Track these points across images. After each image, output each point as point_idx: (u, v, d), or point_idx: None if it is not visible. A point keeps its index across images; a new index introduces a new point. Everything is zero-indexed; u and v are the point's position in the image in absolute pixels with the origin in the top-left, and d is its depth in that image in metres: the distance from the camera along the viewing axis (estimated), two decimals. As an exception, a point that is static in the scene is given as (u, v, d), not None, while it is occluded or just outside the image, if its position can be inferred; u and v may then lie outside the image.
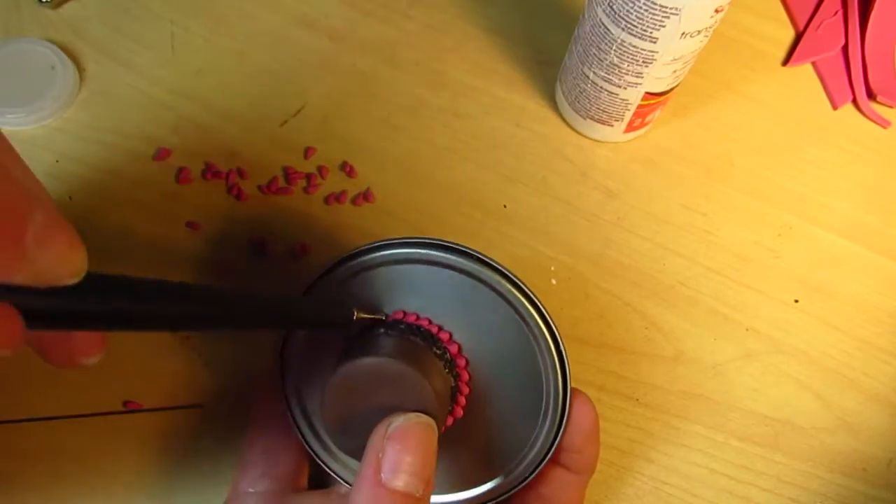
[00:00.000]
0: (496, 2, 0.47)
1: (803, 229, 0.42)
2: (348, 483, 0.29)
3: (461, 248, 0.27)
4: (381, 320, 0.28)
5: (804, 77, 0.47)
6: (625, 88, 0.38)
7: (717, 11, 0.33)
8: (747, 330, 0.39)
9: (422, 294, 0.27)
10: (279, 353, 0.29)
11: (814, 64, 0.47)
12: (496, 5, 0.47)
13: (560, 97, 0.43)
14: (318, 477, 0.32)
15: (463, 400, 0.28)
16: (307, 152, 0.41)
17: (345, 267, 0.28)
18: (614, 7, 0.34)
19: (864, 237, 0.42)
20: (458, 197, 0.41)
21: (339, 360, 0.27)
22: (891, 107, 0.46)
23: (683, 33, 0.34)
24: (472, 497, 0.29)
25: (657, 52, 0.35)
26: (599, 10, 0.35)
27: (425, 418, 0.24)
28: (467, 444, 0.28)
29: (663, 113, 0.43)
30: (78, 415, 0.35)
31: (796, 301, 0.40)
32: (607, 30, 0.35)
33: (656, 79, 0.37)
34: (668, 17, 0.33)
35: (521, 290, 0.26)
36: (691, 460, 0.36)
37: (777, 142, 0.44)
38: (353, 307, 0.27)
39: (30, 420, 0.34)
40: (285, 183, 0.40)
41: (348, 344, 0.28)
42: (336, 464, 0.29)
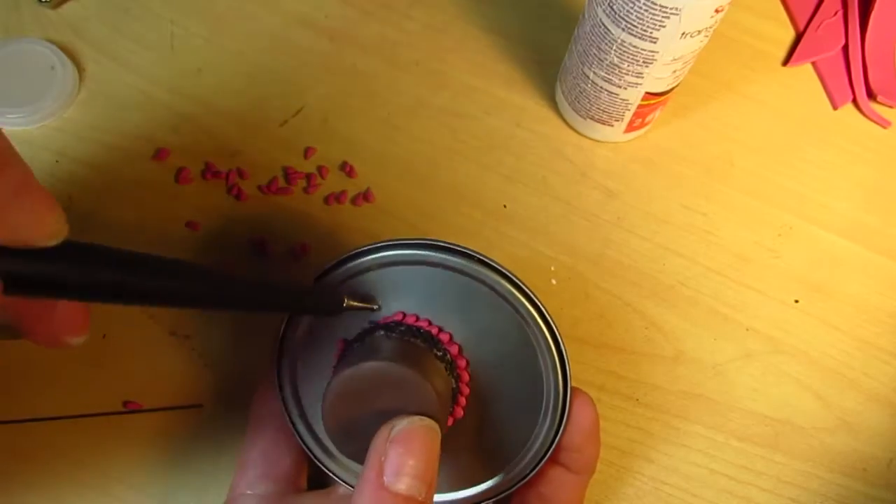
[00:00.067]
0: (496, 2, 0.47)
1: (803, 229, 0.42)
2: (347, 484, 0.29)
3: (461, 248, 0.27)
4: (372, 309, 0.28)
5: (804, 77, 0.47)
6: (625, 88, 0.38)
7: (717, 11, 0.33)
8: (747, 330, 0.39)
9: (422, 295, 0.27)
10: (276, 354, 0.29)
11: (814, 64, 0.47)
12: (496, 5, 0.47)
13: (560, 97, 0.43)
14: (318, 477, 0.32)
15: (463, 400, 0.28)
16: (307, 152, 0.41)
17: (343, 268, 0.28)
18: (614, 7, 0.34)
19: (864, 237, 0.42)
20: (458, 197, 0.41)
21: (338, 362, 0.27)
22: (891, 107, 0.46)
23: (683, 33, 0.34)
24: (471, 495, 0.29)
25: (657, 52, 0.35)
26: (599, 10, 0.35)
27: (428, 421, 0.24)
28: (467, 444, 0.28)
29: (663, 113, 0.43)
30: (78, 415, 0.35)
31: (796, 301, 0.40)
32: (607, 30, 0.35)
33: (656, 79, 0.37)
34: (669, 17, 0.33)
35: (522, 290, 0.26)
36: (691, 460, 0.36)
37: (777, 142, 0.44)
38: (343, 294, 0.27)
39: (30, 420, 0.34)
40: (285, 183, 0.40)
41: (347, 346, 0.28)
42: (334, 464, 0.29)
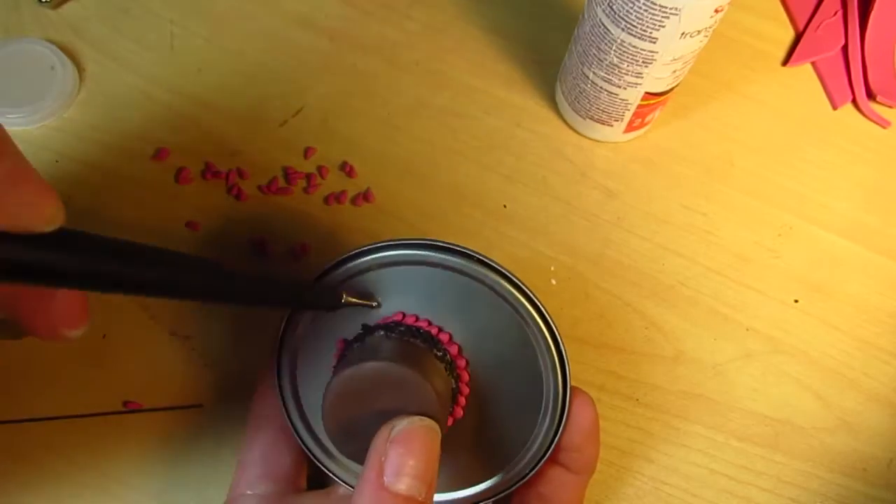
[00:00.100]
0: (496, 2, 0.47)
1: (803, 229, 0.42)
2: (347, 484, 0.29)
3: (460, 248, 0.27)
4: (371, 306, 0.28)
5: (804, 77, 0.47)
6: (624, 88, 0.38)
7: (716, 11, 0.33)
8: (747, 330, 0.39)
9: (421, 295, 0.27)
10: (275, 354, 0.29)
11: (814, 64, 0.47)
12: (496, 5, 0.47)
13: (560, 97, 0.43)
14: (318, 477, 0.32)
15: (463, 400, 0.28)
16: (307, 152, 0.41)
17: (343, 269, 0.28)
18: (614, 7, 0.34)
19: (864, 237, 0.42)
20: (458, 197, 0.41)
21: (338, 363, 0.27)
22: (890, 107, 0.46)
23: (683, 33, 0.34)
24: (470, 495, 0.29)
25: (657, 53, 0.35)
26: (599, 10, 0.35)
27: (429, 422, 0.24)
28: (466, 443, 0.28)
29: (663, 113, 0.43)
30: (78, 415, 0.35)
31: (796, 301, 0.40)
32: (607, 30, 0.35)
33: (656, 79, 0.37)
34: (668, 17, 0.33)
35: (521, 290, 0.26)
36: (691, 460, 0.36)
37: (777, 142, 0.44)
38: (341, 290, 0.27)
39: (30, 420, 0.34)
40: (285, 183, 0.40)
41: (347, 346, 0.28)
42: (334, 464, 0.29)
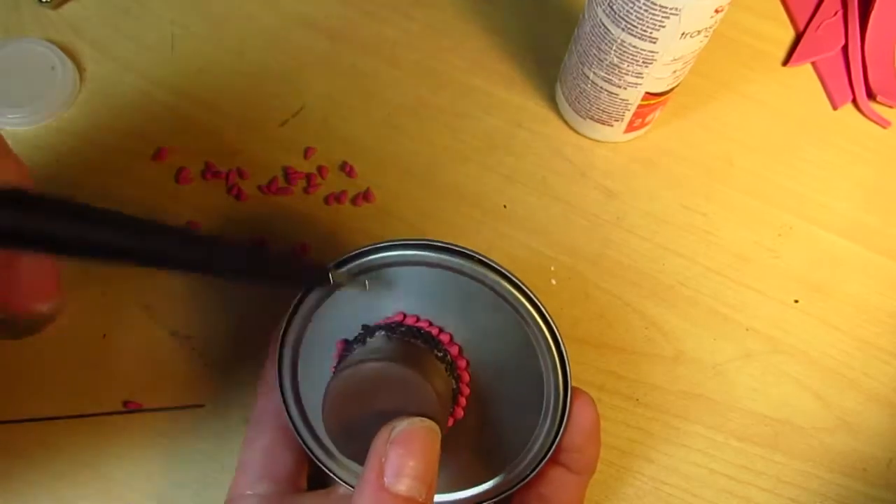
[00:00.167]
0: (496, 2, 0.47)
1: (803, 229, 0.42)
2: (348, 484, 0.29)
3: (460, 249, 0.27)
4: (361, 287, 0.27)
5: (804, 77, 0.47)
6: (625, 88, 0.38)
7: (717, 12, 0.33)
8: (747, 330, 0.39)
9: (422, 296, 0.27)
10: (276, 354, 0.29)
11: (814, 64, 0.47)
12: (496, 5, 0.47)
13: (560, 97, 0.43)
14: (318, 477, 0.32)
15: (463, 401, 0.28)
16: (307, 152, 0.41)
17: (342, 269, 0.28)
18: (614, 7, 0.34)
19: (864, 237, 0.42)
20: (458, 197, 0.41)
21: (338, 362, 0.27)
22: (891, 107, 0.46)
23: (683, 33, 0.34)
24: (471, 496, 0.29)
25: (657, 53, 0.35)
26: (599, 11, 0.35)
27: (429, 422, 0.24)
28: (467, 444, 0.28)
29: (663, 113, 0.43)
30: (78, 415, 0.35)
31: (796, 301, 0.40)
32: (607, 30, 0.35)
33: (656, 79, 0.37)
34: (668, 18, 0.33)
35: (522, 290, 0.26)
36: (691, 460, 0.36)
37: (777, 142, 0.44)
38: (329, 267, 0.26)
39: (30, 420, 0.34)
40: (285, 183, 0.40)
41: (347, 346, 0.28)
42: (335, 464, 0.29)
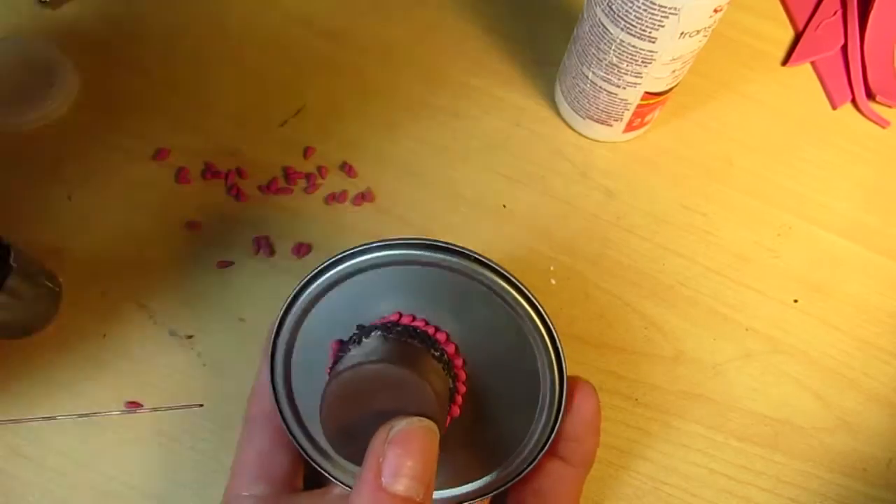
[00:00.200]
0: (496, 2, 0.47)
1: (803, 229, 0.42)
2: (344, 484, 0.29)
3: (454, 247, 0.26)
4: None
5: (803, 77, 0.47)
6: (624, 88, 0.38)
7: (715, 11, 0.33)
8: (747, 330, 0.39)
9: (416, 295, 0.27)
10: (268, 354, 0.28)
11: (813, 64, 0.47)
12: (496, 5, 0.47)
13: (559, 97, 0.43)
14: (315, 476, 0.31)
15: (460, 399, 0.28)
16: (307, 152, 0.41)
17: (335, 270, 0.27)
18: (613, 7, 0.34)
19: (864, 237, 0.42)
20: (457, 196, 0.41)
21: (334, 363, 0.27)
22: (890, 107, 0.46)
23: (682, 33, 0.34)
24: (468, 492, 0.29)
25: (656, 52, 0.35)
26: (598, 10, 0.35)
27: (427, 422, 0.24)
28: (464, 441, 0.28)
29: (662, 113, 0.43)
30: (78, 415, 0.35)
31: (796, 301, 0.40)
32: (606, 29, 0.35)
33: (655, 79, 0.37)
34: (667, 17, 0.33)
35: (516, 286, 0.26)
36: (691, 460, 0.36)
37: (776, 141, 0.44)
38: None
39: (30, 420, 0.34)
40: (285, 183, 0.40)
41: (342, 346, 0.28)
42: (330, 464, 0.29)
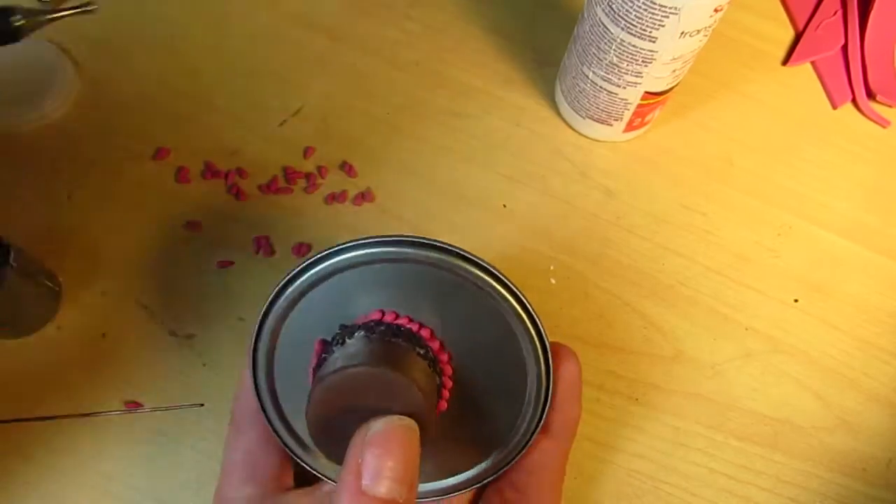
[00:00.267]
0: (496, 2, 0.47)
1: (803, 229, 0.42)
2: (332, 480, 0.29)
3: (437, 243, 0.26)
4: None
5: (804, 77, 0.47)
6: (624, 88, 0.38)
7: (716, 11, 0.33)
8: (747, 330, 0.39)
9: (399, 292, 0.27)
10: (250, 354, 0.28)
11: (813, 63, 0.47)
12: (496, 5, 0.47)
13: (559, 97, 0.43)
14: (304, 473, 0.31)
15: (446, 393, 0.27)
16: (307, 152, 0.41)
17: (315, 269, 0.27)
18: (613, 6, 0.34)
19: (864, 237, 0.42)
20: (457, 196, 0.41)
21: (318, 365, 0.26)
22: (890, 106, 0.46)
23: (683, 33, 0.34)
24: (457, 482, 0.28)
25: (656, 52, 0.35)
26: (599, 10, 0.35)
27: (407, 420, 0.23)
28: (452, 433, 0.28)
29: (663, 112, 0.43)
30: (78, 415, 0.35)
31: (796, 301, 0.40)
32: (606, 29, 0.35)
33: (655, 78, 0.37)
34: (668, 17, 0.33)
35: (497, 278, 0.26)
36: (690, 460, 0.36)
37: (776, 141, 0.44)
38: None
39: (30, 420, 0.34)
40: (285, 182, 0.40)
41: (326, 347, 0.27)
42: (316, 461, 0.29)
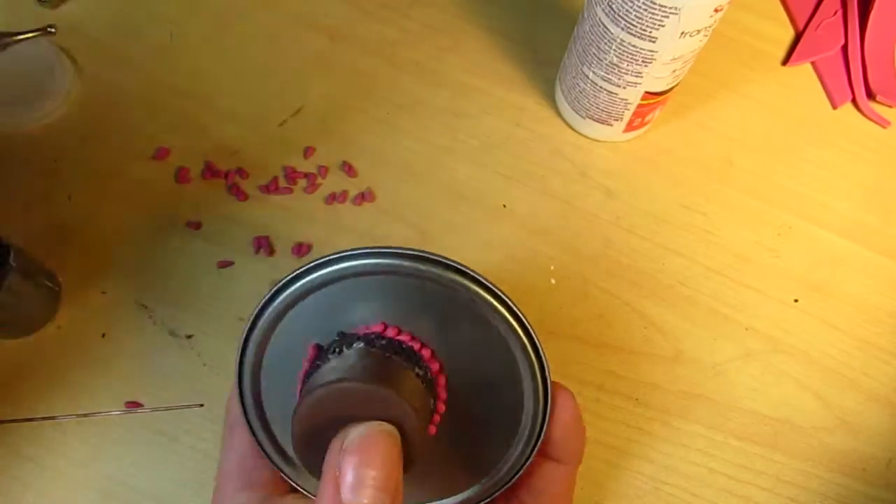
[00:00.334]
0: (496, 2, 0.47)
1: (803, 229, 0.42)
2: (311, 493, 0.28)
3: (438, 258, 0.24)
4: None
5: (804, 77, 0.47)
6: (624, 88, 0.38)
7: (716, 11, 0.33)
8: (747, 330, 0.39)
9: (401, 306, 0.25)
10: (237, 360, 0.26)
11: (813, 64, 0.47)
12: (496, 5, 0.47)
13: (559, 97, 0.43)
14: None
15: (437, 418, 0.26)
16: (307, 152, 0.41)
17: (316, 275, 0.25)
18: (613, 6, 0.34)
19: (864, 237, 0.42)
20: (457, 196, 0.41)
21: (310, 371, 0.25)
22: (890, 106, 0.46)
23: (683, 33, 0.34)
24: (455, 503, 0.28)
25: (656, 52, 0.35)
26: (599, 10, 0.35)
27: (386, 426, 0.22)
28: (444, 455, 0.27)
29: (663, 112, 0.43)
30: (78, 415, 0.35)
31: (796, 301, 0.40)
32: (607, 29, 0.35)
33: (656, 78, 0.37)
34: (668, 17, 0.33)
35: (501, 299, 0.24)
36: (691, 460, 0.36)
37: (776, 141, 0.44)
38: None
39: (30, 420, 0.34)
40: (285, 182, 0.40)
41: (321, 353, 0.26)
42: (298, 473, 0.28)
